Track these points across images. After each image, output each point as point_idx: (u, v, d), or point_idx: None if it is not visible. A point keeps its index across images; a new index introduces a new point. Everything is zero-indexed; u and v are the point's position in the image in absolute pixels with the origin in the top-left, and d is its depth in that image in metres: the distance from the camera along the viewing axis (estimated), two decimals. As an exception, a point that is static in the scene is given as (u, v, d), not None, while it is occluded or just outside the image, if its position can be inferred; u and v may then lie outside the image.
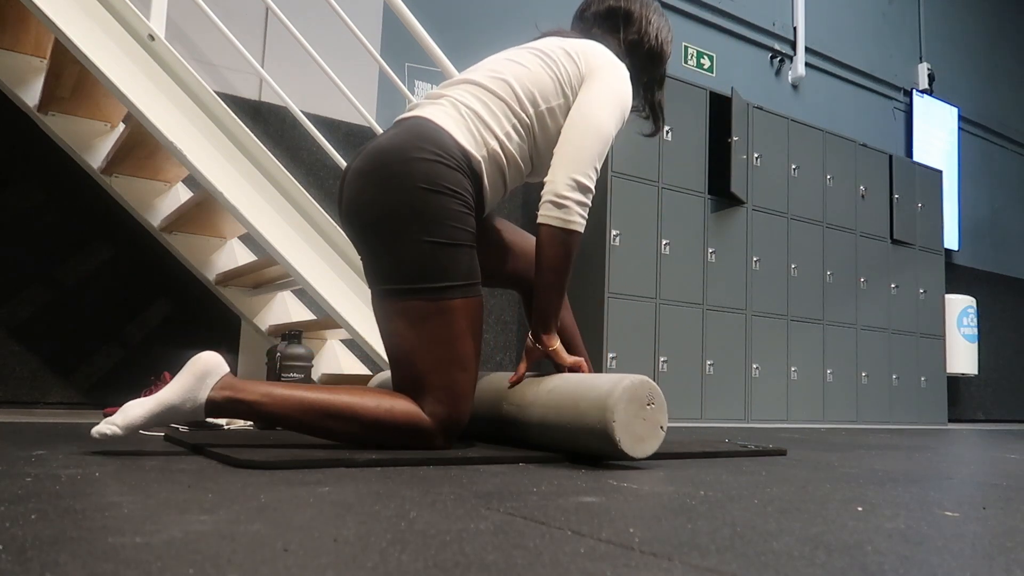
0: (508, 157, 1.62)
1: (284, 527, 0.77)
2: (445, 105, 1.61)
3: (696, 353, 4.04)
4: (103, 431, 1.31)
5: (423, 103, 1.65)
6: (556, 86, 1.64)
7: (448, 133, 1.54)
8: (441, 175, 1.50)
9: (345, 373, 3.05)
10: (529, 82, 1.63)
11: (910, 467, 1.72)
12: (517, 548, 0.71)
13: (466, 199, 1.53)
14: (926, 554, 0.75)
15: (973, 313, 5.73)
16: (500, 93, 1.62)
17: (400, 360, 1.52)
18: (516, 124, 1.62)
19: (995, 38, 7.07)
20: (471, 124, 1.58)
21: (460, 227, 1.51)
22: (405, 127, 1.56)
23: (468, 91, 1.63)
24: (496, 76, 1.64)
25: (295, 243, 2.35)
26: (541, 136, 1.65)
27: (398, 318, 1.51)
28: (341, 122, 3.59)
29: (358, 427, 1.44)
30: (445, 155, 1.51)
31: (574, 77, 1.65)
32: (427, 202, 1.48)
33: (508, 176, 1.65)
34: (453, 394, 1.50)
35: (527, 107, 1.62)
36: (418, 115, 1.59)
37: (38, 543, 0.66)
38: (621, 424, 1.40)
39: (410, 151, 1.50)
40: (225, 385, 1.38)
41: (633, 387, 1.42)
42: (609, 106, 1.62)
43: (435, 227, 1.49)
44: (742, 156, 4.29)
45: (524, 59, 1.67)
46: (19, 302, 2.90)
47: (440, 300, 1.49)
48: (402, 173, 1.49)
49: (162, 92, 2.20)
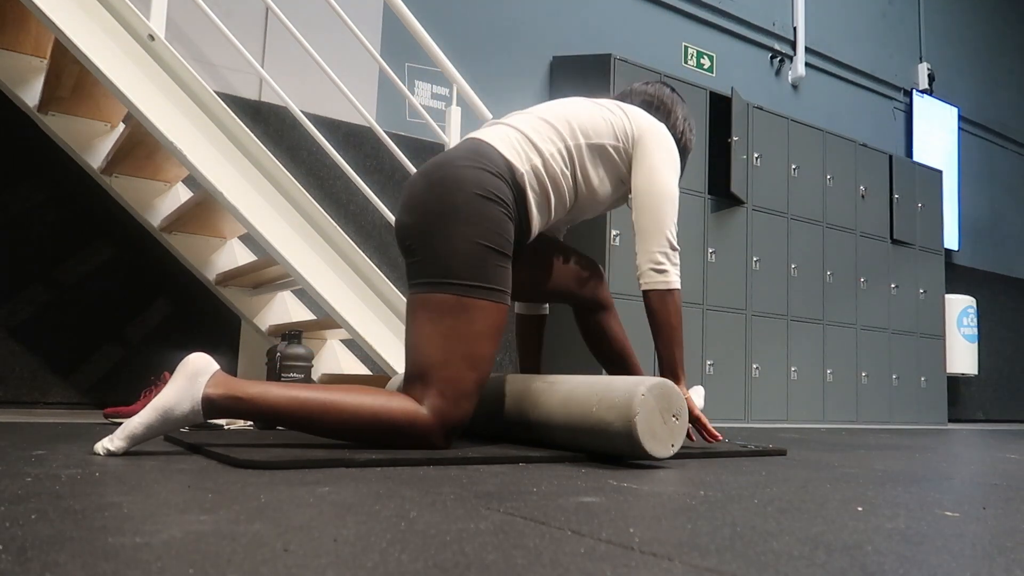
0: (551, 177, 1.73)
1: (284, 527, 0.77)
2: (496, 127, 1.76)
3: (696, 353, 4.04)
4: (106, 447, 1.32)
5: (480, 128, 1.82)
6: (608, 128, 1.80)
7: (493, 147, 1.68)
8: (483, 180, 1.61)
9: (345, 373, 3.05)
10: (582, 117, 1.79)
11: (910, 467, 1.72)
12: (517, 548, 0.71)
13: (507, 206, 1.63)
14: (926, 554, 0.75)
15: (973, 313, 5.73)
16: (550, 120, 1.77)
17: (415, 350, 1.55)
18: (561, 148, 1.75)
19: (995, 38, 7.07)
20: (516, 142, 1.71)
21: (498, 232, 1.59)
22: (459, 145, 1.72)
23: (520, 118, 1.79)
24: (551, 110, 1.81)
25: (295, 243, 2.35)
26: (591, 168, 1.78)
27: (423, 310, 1.56)
28: (341, 122, 3.59)
29: (355, 423, 1.45)
30: (488, 163, 1.64)
31: (627, 128, 1.81)
32: (468, 203, 1.58)
33: (553, 200, 1.75)
34: (458, 390, 1.51)
35: (577, 136, 1.77)
36: (471, 136, 1.76)
37: (38, 543, 0.66)
38: (644, 428, 1.42)
39: (458, 160, 1.64)
40: (219, 382, 1.38)
41: (654, 390, 1.46)
42: (668, 168, 1.79)
43: (474, 227, 1.57)
44: (742, 156, 4.29)
45: (580, 103, 1.84)
46: (19, 302, 2.90)
47: (467, 297, 1.54)
48: (449, 177, 1.60)
49: (162, 92, 2.20)
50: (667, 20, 4.84)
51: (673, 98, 2.00)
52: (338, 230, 2.42)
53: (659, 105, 1.97)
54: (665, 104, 1.98)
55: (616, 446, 1.48)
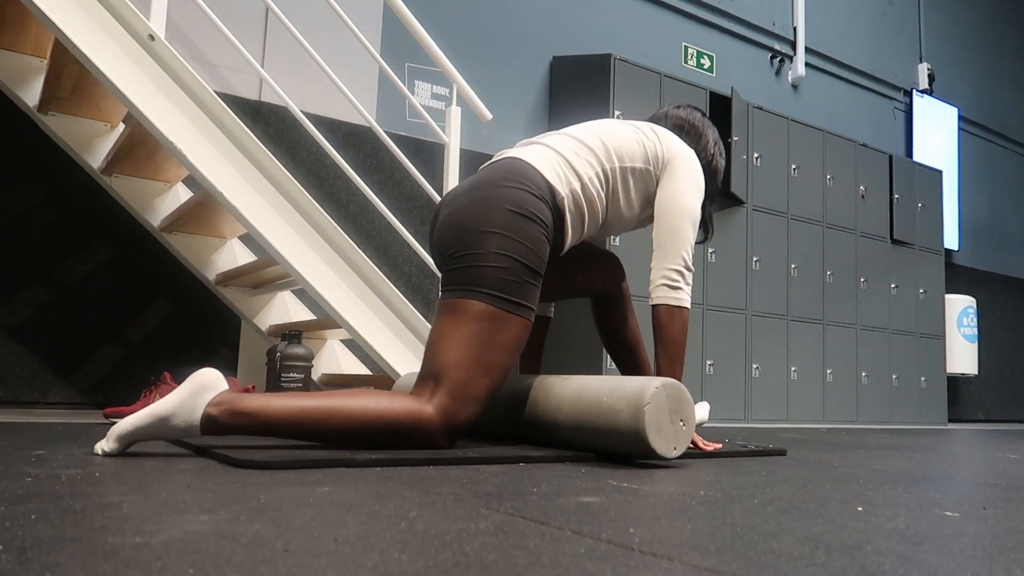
0: (588, 201, 1.76)
1: (284, 527, 0.77)
2: (536, 148, 1.78)
3: (696, 353, 4.04)
4: (102, 447, 1.33)
5: (517, 147, 1.82)
6: (641, 151, 1.83)
7: (536, 169, 1.70)
8: (526, 201, 1.63)
9: (345, 373, 3.05)
10: (618, 141, 1.82)
11: (910, 467, 1.72)
12: (517, 548, 0.71)
13: (546, 227, 1.66)
14: (926, 554, 0.75)
15: (973, 313, 5.73)
16: (589, 144, 1.80)
17: (434, 347, 1.57)
18: (599, 172, 1.78)
19: (995, 38, 7.07)
20: (557, 165, 1.74)
21: (535, 251, 1.62)
22: (496, 165, 1.74)
23: (559, 139, 1.81)
24: (587, 131, 1.84)
25: (295, 243, 2.35)
26: (621, 191, 1.82)
27: (451, 312, 1.58)
28: (341, 122, 3.59)
29: (359, 427, 1.44)
30: (531, 185, 1.66)
31: (658, 151, 1.85)
32: (510, 221, 1.60)
33: (586, 221, 1.79)
34: (468, 393, 1.52)
35: (613, 160, 1.79)
36: (510, 155, 1.77)
37: (38, 543, 0.66)
38: (652, 420, 1.45)
39: (500, 180, 1.66)
40: (222, 401, 1.37)
41: (668, 387, 1.48)
42: (692, 190, 1.83)
43: (513, 245, 1.60)
44: (742, 156, 4.29)
45: (614, 124, 1.87)
46: (19, 302, 2.90)
47: (495, 308, 1.57)
48: (492, 196, 1.63)
49: (162, 92, 2.20)
50: (667, 20, 4.84)
51: (704, 122, 2.05)
52: (338, 230, 2.42)
53: (690, 129, 2.02)
54: (696, 128, 2.03)
55: (622, 438, 1.49)
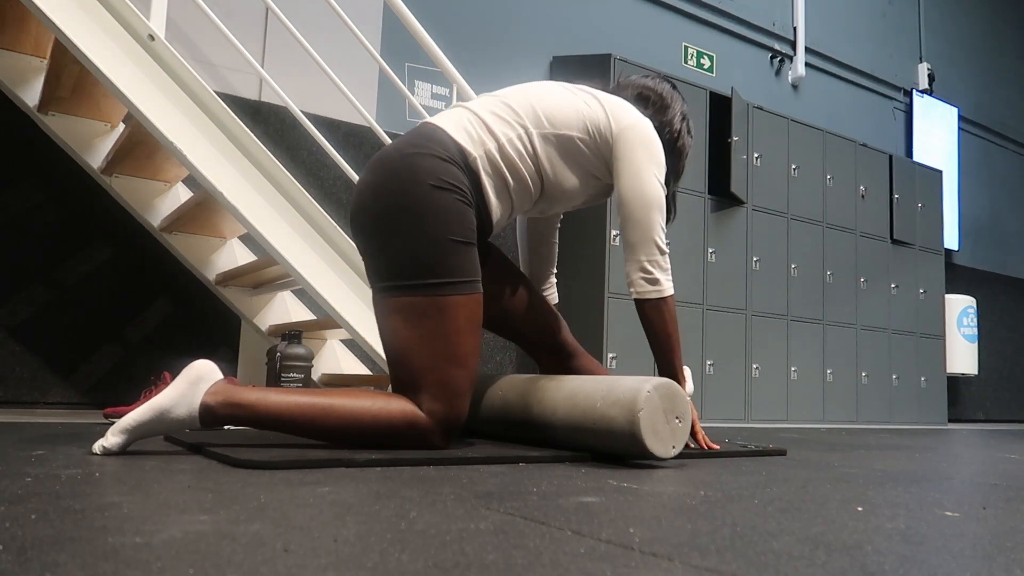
0: (508, 164, 1.64)
1: (284, 527, 0.77)
2: (452, 110, 1.69)
3: (696, 353, 4.04)
4: (103, 445, 1.33)
5: (439, 113, 1.73)
6: (579, 119, 1.68)
7: (443, 130, 1.61)
8: (435, 168, 1.53)
9: (345, 373, 3.05)
10: (551, 105, 1.68)
11: (910, 467, 1.72)
12: (517, 548, 0.71)
13: (464, 193, 1.56)
14: (926, 554, 0.75)
15: (973, 313, 5.73)
16: (513, 105, 1.67)
17: (398, 358, 1.53)
18: (521, 134, 1.65)
19: (995, 38, 7.07)
20: (469, 125, 1.63)
21: (458, 222, 1.53)
22: (411, 130, 1.64)
23: (481, 101, 1.70)
24: (517, 92, 1.71)
25: (295, 243, 2.35)
26: (559, 159, 1.68)
27: (395, 315, 1.52)
28: (341, 122, 3.59)
29: (355, 428, 1.44)
30: (438, 148, 1.56)
31: (601, 123, 1.69)
32: (423, 196, 1.51)
33: (512, 186, 1.66)
34: (450, 391, 1.50)
35: (542, 123, 1.66)
36: (425, 120, 1.67)
37: (38, 543, 0.66)
38: (647, 424, 1.44)
39: (405, 148, 1.57)
40: (219, 391, 1.37)
41: (660, 388, 1.47)
42: (652, 170, 1.68)
43: (431, 222, 1.51)
44: (742, 156, 4.29)
45: (552, 87, 1.74)
46: (19, 302, 2.90)
47: (437, 296, 1.50)
48: (397, 169, 1.54)
49: (162, 92, 2.20)
50: (667, 20, 4.84)
51: (673, 95, 1.89)
52: (338, 230, 2.42)
53: (656, 100, 1.86)
54: (663, 99, 1.86)
55: (619, 442, 1.48)
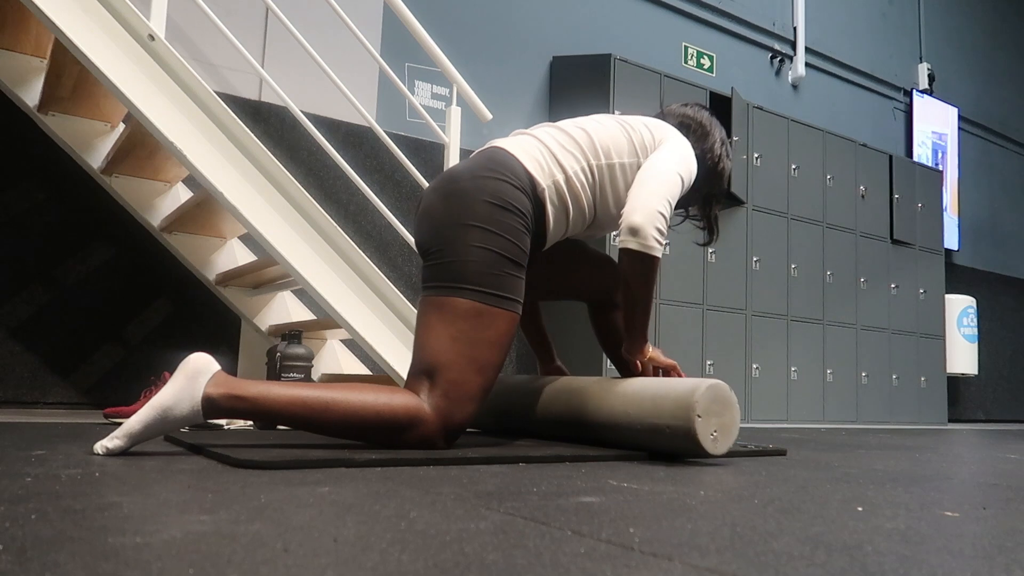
0: (572, 195, 1.73)
1: (284, 527, 0.77)
2: (522, 138, 1.76)
3: (696, 353, 4.04)
4: (105, 446, 1.32)
5: (506, 138, 1.79)
6: (630, 146, 1.79)
7: (516, 159, 1.68)
8: (504, 191, 1.61)
9: (345, 373, 3.05)
10: (606, 137, 1.78)
11: (910, 467, 1.72)
12: (517, 548, 0.71)
13: (525, 219, 1.64)
14: (926, 554, 0.75)
15: (973, 313, 5.73)
16: (576, 138, 1.76)
17: (424, 349, 1.55)
18: (585, 167, 1.74)
19: (995, 38, 7.07)
20: (541, 156, 1.71)
21: (515, 243, 1.61)
22: (479, 154, 1.71)
23: (547, 131, 1.78)
24: (576, 126, 1.80)
25: (295, 243, 2.35)
26: (610, 188, 1.78)
27: (436, 311, 1.57)
28: (341, 122, 3.59)
29: (357, 421, 1.44)
30: (511, 175, 1.64)
31: (648, 143, 1.81)
32: (489, 214, 1.59)
33: (571, 216, 1.75)
34: (463, 392, 1.52)
35: (600, 156, 1.76)
36: (493, 145, 1.75)
37: (38, 543, 0.66)
38: (702, 424, 1.52)
39: (479, 171, 1.64)
40: (220, 382, 1.37)
41: (708, 391, 1.54)
42: (676, 160, 1.76)
43: (493, 237, 1.58)
44: (742, 156, 4.29)
45: (605, 120, 1.83)
46: (19, 302, 2.90)
47: (482, 304, 1.56)
48: (470, 188, 1.61)
49: (162, 92, 2.20)
50: (667, 20, 4.84)
51: (712, 121, 1.99)
52: (338, 230, 2.42)
53: (696, 128, 1.96)
54: (704, 127, 1.97)
55: (674, 442, 1.57)
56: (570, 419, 1.81)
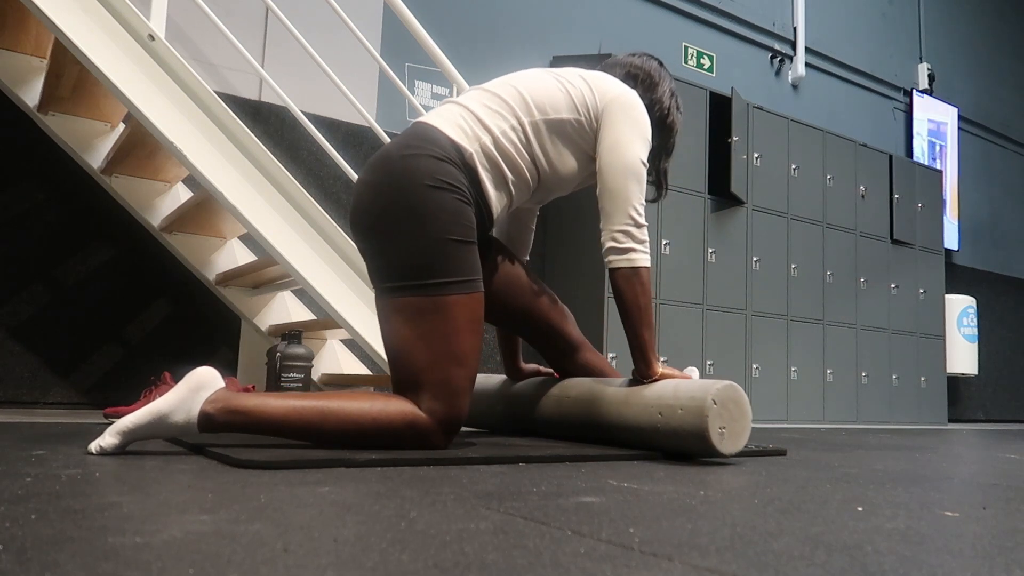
0: (505, 157, 1.65)
1: (284, 527, 0.77)
2: (444, 107, 1.68)
3: (696, 353, 4.04)
4: (100, 444, 1.33)
5: (431, 111, 1.73)
6: (568, 101, 1.70)
7: (437, 128, 1.61)
8: (432, 168, 1.54)
9: (345, 373, 3.05)
10: (538, 91, 1.69)
11: (910, 467, 1.72)
12: (517, 548, 0.71)
13: (462, 192, 1.57)
14: (926, 554, 0.75)
15: (973, 313, 5.73)
16: (503, 96, 1.68)
17: (398, 357, 1.53)
18: (515, 125, 1.66)
19: (995, 38, 7.07)
20: (463, 121, 1.63)
21: (457, 221, 1.54)
22: (403, 132, 1.64)
23: (471, 95, 1.70)
24: (504, 83, 1.72)
25: (295, 243, 2.35)
26: (550, 145, 1.69)
27: (396, 315, 1.53)
28: (341, 122, 3.59)
29: (354, 429, 1.44)
30: (433, 147, 1.56)
31: (588, 99, 1.71)
32: (422, 197, 1.52)
33: (511, 179, 1.67)
34: (450, 390, 1.51)
35: (532, 112, 1.67)
36: (418, 119, 1.67)
37: (38, 543, 0.66)
38: (713, 419, 1.53)
39: (401, 150, 1.57)
40: (218, 398, 1.37)
41: (729, 388, 1.56)
42: (634, 140, 1.69)
43: (430, 222, 1.52)
44: (742, 156, 4.29)
45: (537, 74, 1.75)
46: (19, 302, 2.90)
47: (438, 296, 1.51)
48: (396, 171, 1.54)
49: (162, 92, 2.20)
50: (667, 20, 4.84)
51: (661, 72, 1.90)
52: (338, 230, 2.42)
53: (644, 78, 1.87)
54: (651, 76, 1.88)
55: (686, 443, 1.58)
56: (581, 409, 1.79)
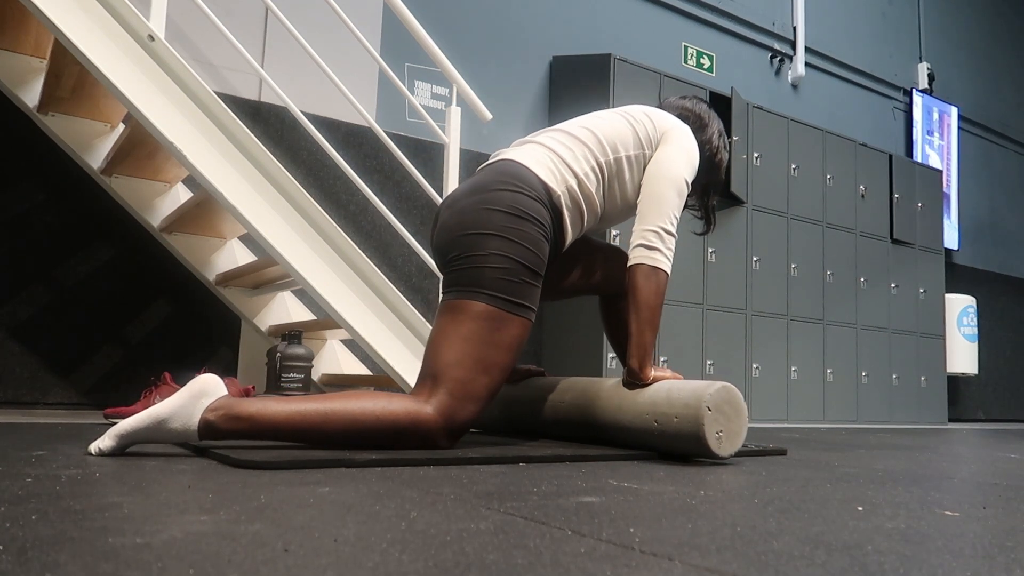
0: (586, 196, 1.75)
1: (284, 527, 0.77)
2: (529, 147, 1.77)
3: (696, 353, 4.04)
4: (99, 446, 1.33)
5: (510, 148, 1.81)
6: (635, 137, 1.81)
7: (530, 169, 1.69)
8: (522, 203, 1.63)
9: (345, 373, 3.05)
10: (611, 132, 1.81)
11: (910, 467, 1.72)
12: (517, 548, 0.71)
13: (544, 228, 1.65)
14: (926, 554, 0.75)
15: (973, 313, 5.73)
16: (582, 139, 1.78)
17: (434, 346, 1.58)
18: (595, 166, 1.77)
19: (995, 38, 7.07)
20: (552, 163, 1.72)
21: (534, 252, 1.62)
22: (491, 168, 1.72)
23: (553, 136, 1.79)
24: (581, 126, 1.82)
25: (295, 243, 2.35)
26: (618, 182, 1.80)
27: (451, 312, 1.59)
28: (341, 122, 3.59)
29: (358, 429, 1.44)
30: (525, 186, 1.65)
31: (651, 133, 1.83)
32: (508, 223, 1.61)
33: (585, 216, 1.77)
34: (467, 391, 1.53)
35: (607, 152, 1.78)
36: (503, 157, 1.76)
37: (38, 543, 0.66)
38: (710, 425, 1.53)
39: (495, 184, 1.65)
40: (219, 406, 1.37)
41: (723, 390, 1.57)
42: (682, 160, 1.80)
43: (511, 245, 1.60)
44: (742, 156, 4.29)
45: (607, 115, 1.86)
46: (19, 302, 2.90)
47: (496, 308, 1.57)
48: (488, 200, 1.63)
49: (162, 92, 2.20)
50: (667, 20, 4.84)
51: (710, 113, 2.02)
52: (338, 230, 2.42)
53: (695, 120, 1.99)
54: (701, 119, 2.00)
55: (682, 443, 1.58)
56: (577, 413, 1.81)
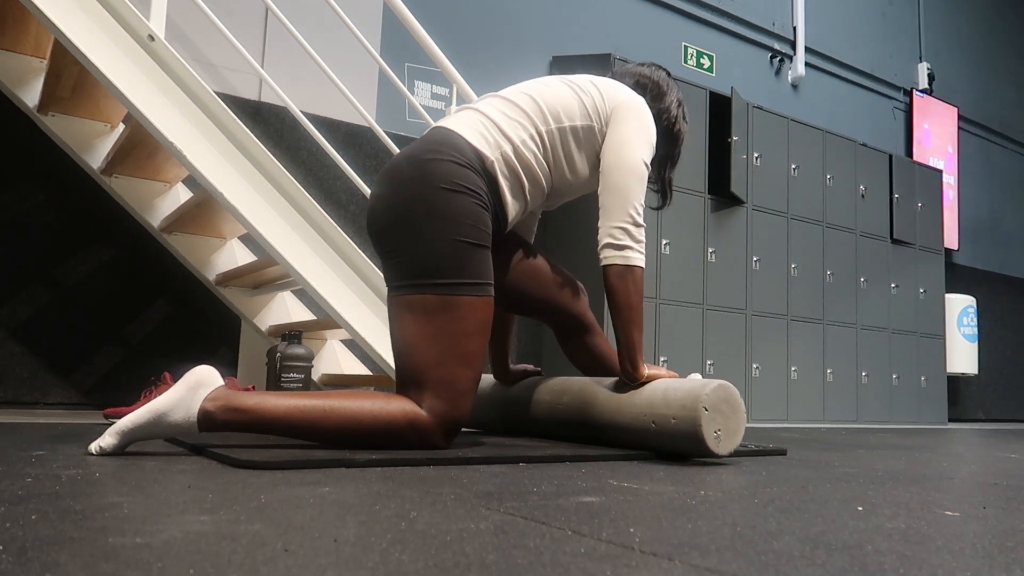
0: (524, 165, 1.67)
1: (284, 527, 0.77)
2: (464, 114, 1.70)
3: (696, 353, 4.04)
4: (100, 444, 1.33)
5: (448, 116, 1.74)
6: (581, 108, 1.73)
7: (460, 135, 1.62)
8: (453, 173, 1.56)
9: (345, 373, 3.05)
10: (554, 100, 1.72)
11: (910, 467, 1.72)
12: (517, 548, 0.71)
13: (481, 197, 1.59)
14: (926, 554, 0.75)
15: (973, 313, 5.73)
16: (521, 105, 1.70)
17: (405, 354, 1.54)
18: (533, 134, 1.68)
19: (995, 38, 7.07)
20: (484, 129, 1.65)
21: (475, 225, 1.56)
22: (422, 137, 1.65)
23: (490, 103, 1.72)
24: (521, 91, 1.74)
25: (295, 243, 2.35)
26: (563, 153, 1.72)
27: (407, 312, 1.54)
28: (341, 122, 3.59)
29: (355, 428, 1.45)
30: (456, 154, 1.58)
31: (599, 104, 1.74)
32: (442, 200, 1.54)
33: (528, 186, 1.69)
34: (454, 390, 1.51)
35: (548, 121, 1.70)
36: (438, 124, 1.68)
37: (38, 543, 0.66)
38: (707, 425, 1.53)
39: (423, 155, 1.58)
40: (218, 396, 1.37)
41: (719, 389, 1.56)
42: (638, 142, 1.72)
43: (450, 224, 1.53)
44: (742, 156, 4.29)
45: (551, 82, 1.77)
46: (19, 302, 2.90)
47: (449, 295, 1.52)
48: (417, 175, 1.56)
49: (162, 92, 2.20)
50: (667, 20, 4.84)
51: (668, 82, 1.93)
52: (338, 230, 2.42)
53: (652, 87, 1.90)
54: (660, 86, 1.91)
55: (680, 442, 1.58)
56: (575, 416, 1.80)
